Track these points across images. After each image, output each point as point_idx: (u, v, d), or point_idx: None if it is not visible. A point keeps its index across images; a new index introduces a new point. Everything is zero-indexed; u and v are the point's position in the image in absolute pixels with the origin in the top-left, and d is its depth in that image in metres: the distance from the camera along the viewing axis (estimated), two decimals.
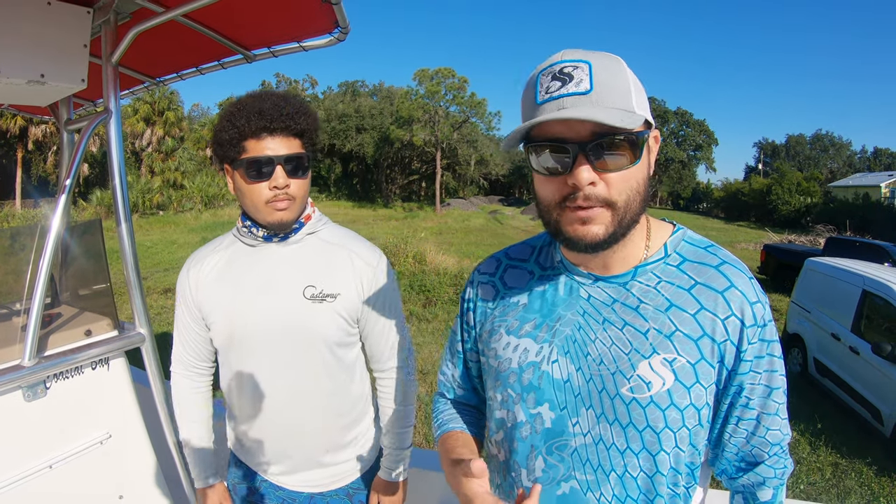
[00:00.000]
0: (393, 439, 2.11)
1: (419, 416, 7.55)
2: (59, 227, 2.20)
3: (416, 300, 14.85)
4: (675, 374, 1.15)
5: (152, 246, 24.10)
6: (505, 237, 31.30)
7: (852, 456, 6.92)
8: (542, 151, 1.13)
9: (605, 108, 1.06)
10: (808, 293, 9.66)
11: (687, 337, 1.16)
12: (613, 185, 1.10)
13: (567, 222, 1.14)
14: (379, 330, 2.04)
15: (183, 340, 2.05)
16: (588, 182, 1.08)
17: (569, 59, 1.10)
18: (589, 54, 1.10)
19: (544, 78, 1.11)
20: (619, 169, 1.09)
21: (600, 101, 1.06)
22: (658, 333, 1.18)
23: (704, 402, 1.18)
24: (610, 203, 1.11)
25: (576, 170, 1.08)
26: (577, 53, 1.11)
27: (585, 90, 1.07)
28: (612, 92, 1.07)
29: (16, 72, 2.20)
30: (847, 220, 38.12)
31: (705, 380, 1.17)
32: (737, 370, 1.18)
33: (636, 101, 1.10)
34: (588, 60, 1.09)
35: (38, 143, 38.05)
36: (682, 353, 1.16)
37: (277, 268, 1.90)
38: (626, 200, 1.12)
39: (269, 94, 1.83)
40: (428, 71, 46.30)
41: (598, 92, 1.07)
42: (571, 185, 1.10)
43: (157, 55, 3.12)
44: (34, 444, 2.18)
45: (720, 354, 1.17)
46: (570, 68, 1.09)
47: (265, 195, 1.78)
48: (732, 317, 1.16)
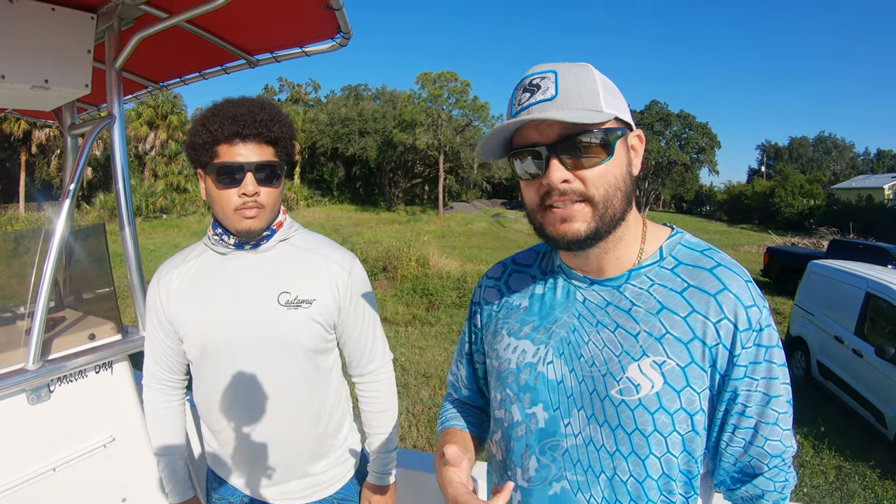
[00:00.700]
0: (379, 443, 2.10)
1: (421, 420, 7.55)
2: (64, 231, 2.22)
3: (419, 304, 14.86)
4: (664, 377, 1.15)
5: (155, 249, 24.11)
6: (508, 240, 31.32)
7: (856, 459, 6.90)
8: (523, 158, 1.19)
9: (569, 109, 1.12)
10: (811, 296, 9.63)
11: (677, 340, 1.16)
12: (589, 181, 1.14)
13: (549, 222, 1.19)
14: (357, 335, 2.02)
15: (154, 354, 1.98)
16: (561, 180, 1.13)
17: (538, 71, 1.18)
18: (557, 65, 1.17)
19: (518, 92, 1.19)
20: (592, 166, 1.14)
21: (565, 104, 1.12)
22: (648, 336, 1.18)
23: (698, 407, 1.17)
24: (587, 198, 1.15)
25: (548, 169, 1.14)
26: (545, 66, 1.18)
27: (551, 96, 1.13)
28: (577, 95, 1.13)
29: (20, 77, 2.22)
30: (850, 223, 37.98)
31: (697, 384, 1.16)
32: (730, 375, 1.16)
33: (605, 102, 1.15)
34: (554, 70, 1.16)
35: (41, 146, 38.20)
36: (672, 356, 1.16)
37: (250, 276, 1.86)
38: (605, 195, 1.15)
39: (245, 100, 1.80)
40: (431, 74, 46.26)
41: (563, 96, 1.13)
42: (546, 184, 1.16)
43: (160, 60, 3.13)
44: (38, 447, 2.19)
45: (712, 358, 1.16)
46: (538, 79, 1.16)
47: (234, 202, 1.74)
48: (725, 320, 1.15)
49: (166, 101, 42.45)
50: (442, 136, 46.01)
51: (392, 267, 17.63)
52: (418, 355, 10.63)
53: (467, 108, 46.77)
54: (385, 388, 2.12)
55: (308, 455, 1.97)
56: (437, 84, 45.72)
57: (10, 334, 2.43)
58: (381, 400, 2.12)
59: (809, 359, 9.32)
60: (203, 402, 1.94)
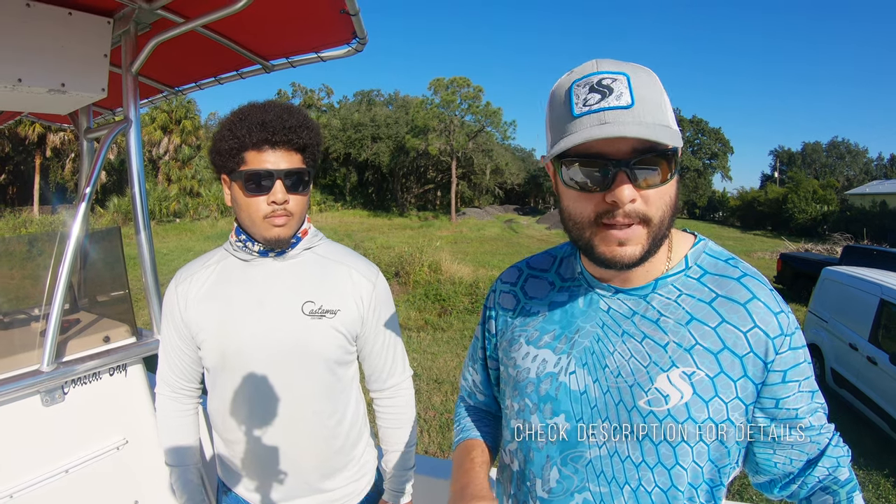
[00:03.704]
0: (396, 461, 2.06)
1: (433, 426, 7.54)
2: (79, 234, 2.23)
3: (431, 309, 14.83)
4: (693, 387, 1.14)
5: (168, 253, 24.27)
6: (520, 246, 31.26)
7: (870, 468, 6.83)
8: (579, 167, 1.09)
9: (648, 124, 1.04)
10: (824, 303, 9.55)
11: (707, 350, 1.14)
12: (651, 202, 1.08)
13: (603, 242, 1.12)
14: (379, 348, 1.98)
15: (169, 361, 1.93)
16: (629, 199, 1.05)
17: (605, 70, 1.07)
18: (624, 66, 1.08)
19: (580, 89, 1.07)
20: (657, 186, 1.07)
21: (642, 116, 1.04)
22: (678, 347, 1.16)
23: (725, 416, 1.15)
24: (647, 220, 1.09)
25: (617, 187, 1.05)
26: (612, 65, 1.08)
27: (627, 104, 1.03)
28: (650, 106, 1.05)
29: (37, 81, 2.24)
30: (864, 229, 37.67)
31: (725, 394, 1.14)
32: (766, 382, 1.15)
33: (669, 116, 1.08)
34: (626, 73, 1.06)
35: (56, 150, 38.54)
36: (702, 366, 1.14)
37: (273, 283, 1.82)
38: (661, 216, 1.10)
39: (272, 104, 1.76)
40: (443, 80, 46.44)
41: (640, 106, 1.04)
42: (611, 202, 1.07)
43: (176, 65, 3.15)
44: (51, 448, 2.20)
45: (742, 367, 1.14)
46: (608, 80, 1.05)
47: (263, 210, 1.71)
48: (756, 328, 1.14)
49: (180, 106, 42.75)
50: (454, 141, 46.17)
51: (404, 272, 17.61)
52: (430, 361, 10.62)
53: (480, 114, 46.97)
54: (404, 405, 2.07)
55: (323, 470, 1.92)
56: (450, 90, 45.93)
57: (25, 336, 2.45)
58: (400, 416, 2.06)
59: (823, 366, 9.23)
60: (217, 410, 1.89)
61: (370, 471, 2.08)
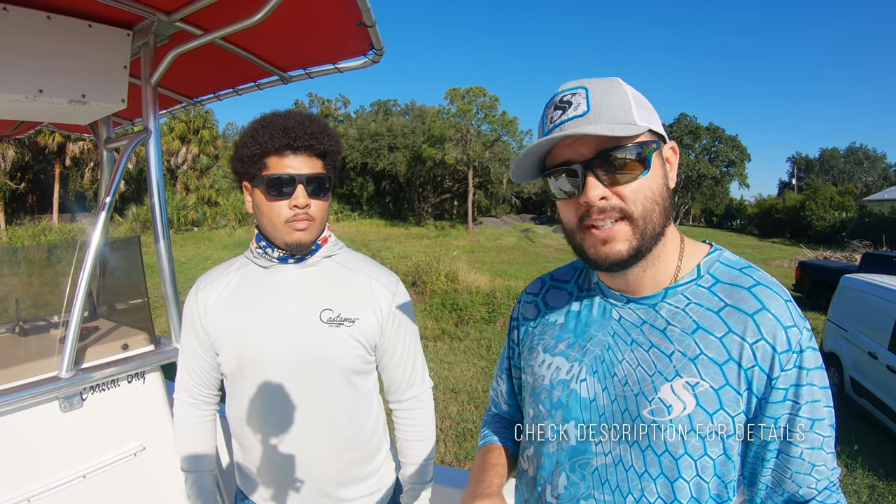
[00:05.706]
0: (414, 474, 2.04)
1: (449, 436, 7.52)
2: (99, 243, 2.26)
3: (448, 319, 14.81)
4: (696, 398, 1.12)
5: (186, 262, 24.41)
6: (537, 256, 31.12)
7: (890, 478, 6.73)
8: (557, 177, 1.18)
9: (602, 124, 1.11)
10: (844, 311, 9.41)
11: (712, 361, 1.12)
12: (627, 197, 1.12)
13: (589, 244, 1.17)
14: (398, 359, 1.97)
15: (188, 367, 1.94)
16: (599, 197, 1.11)
17: (567, 88, 1.17)
18: (586, 81, 1.17)
19: (549, 110, 1.18)
20: (629, 181, 1.12)
21: (597, 119, 1.11)
22: (682, 356, 1.15)
23: (731, 431, 1.12)
24: (626, 215, 1.12)
25: (585, 187, 1.12)
26: (575, 83, 1.17)
27: (583, 112, 1.12)
28: (609, 110, 1.12)
29: (58, 92, 2.28)
30: (883, 235, 37.22)
31: (731, 408, 1.12)
32: (768, 398, 1.11)
33: (638, 115, 1.13)
34: (584, 86, 1.15)
35: (75, 159, 38.90)
36: (706, 377, 1.12)
37: (292, 290, 1.82)
38: (644, 211, 1.13)
39: (293, 112, 1.78)
40: (459, 90, 46.45)
41: (596, 112, 1.12)
42: (584, 203, 1.14)
43: (195, 76, 3.19)
44: (69, 454, 2.22)
45: (747, 381, 1.12)
46: (568, 96, 1.15)
47: (285, 214, 1.72)
48: (762, 341, 1.10)
49: (198, 116, 43.11)
50: (471, 151, 46.13)
51: (421, 282, 17.62)
52: (447, 370, 10.59)
53: (496, 123, 46.93)
54: (424, 416, 2.05)
55: (339, 480, 1.90)
56: (466, 99, 45.96)
57: (45, 343, 2.48)
58: (420, 428, 2.04)
59: (842, 375, 9.10)
60: (235, 416, 1.89)
61: (388, 483, 2.06)
